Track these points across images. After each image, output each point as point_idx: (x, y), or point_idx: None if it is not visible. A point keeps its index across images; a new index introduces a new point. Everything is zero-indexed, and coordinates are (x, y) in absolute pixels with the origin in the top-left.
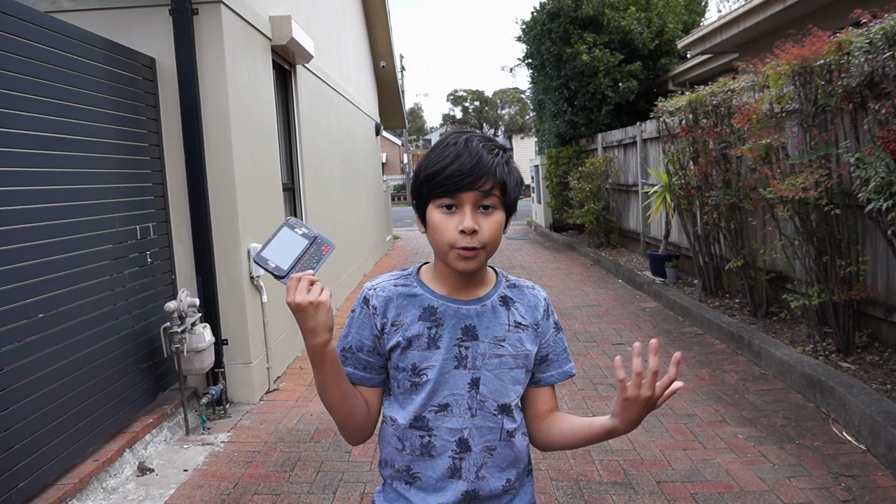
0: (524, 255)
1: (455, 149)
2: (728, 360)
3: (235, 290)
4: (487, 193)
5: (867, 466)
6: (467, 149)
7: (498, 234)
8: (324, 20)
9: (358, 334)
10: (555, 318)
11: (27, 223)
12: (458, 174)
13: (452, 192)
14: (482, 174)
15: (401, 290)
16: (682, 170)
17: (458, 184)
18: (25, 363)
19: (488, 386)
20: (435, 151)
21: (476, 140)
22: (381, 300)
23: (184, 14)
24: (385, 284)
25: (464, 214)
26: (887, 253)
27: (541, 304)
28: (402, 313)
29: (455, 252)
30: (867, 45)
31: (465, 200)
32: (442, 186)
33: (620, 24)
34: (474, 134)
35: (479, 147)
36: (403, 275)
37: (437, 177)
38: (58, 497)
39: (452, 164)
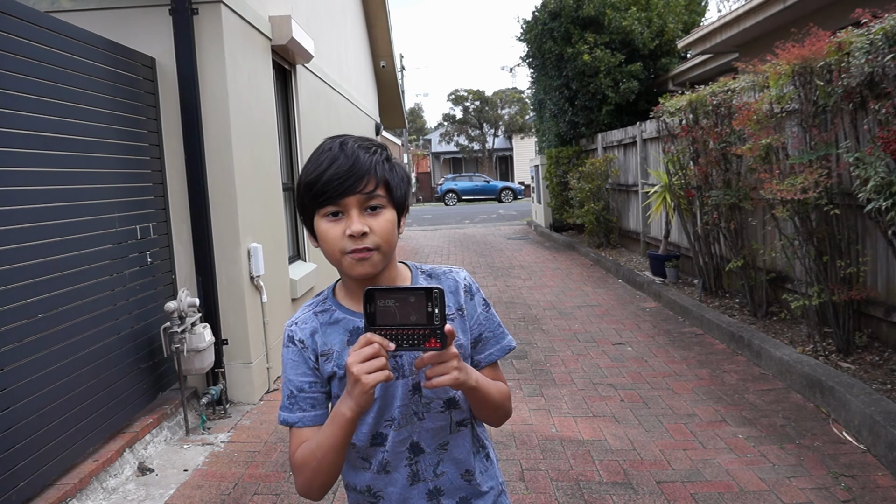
0: (524, 255)
1: (330, 154)
2: (728, 360)
3: (235, 290)
4: (371, 194)
5: (867, 466)
6: (343, 151)
7: (391, 233)
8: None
9: (296, 375)
10: (481, 296)
11: (27, 223)
12: (337, 178)
13: (335, 197)
14: (362, 174)
15: (322, 319)
16: (682, 170)
17: (338, 188)
18: (25, 363)
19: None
20: (311, 160)
21: (351, 142)
22: (305, 333)
23: (184, 14)
24: (305, 316)
25: (350, 218)
26: (887, 253)
27: (460, 286)
28: (327, 342)
29: (348, 258)
30: (867, 45)
31: (350, 205)
32: (323, 194)
33: (621, 25)
34: (349, 137)
35: (355, 148)
36: (320, 300)
37: (317, 184)
38: (58, 497)
39: (329, 169)
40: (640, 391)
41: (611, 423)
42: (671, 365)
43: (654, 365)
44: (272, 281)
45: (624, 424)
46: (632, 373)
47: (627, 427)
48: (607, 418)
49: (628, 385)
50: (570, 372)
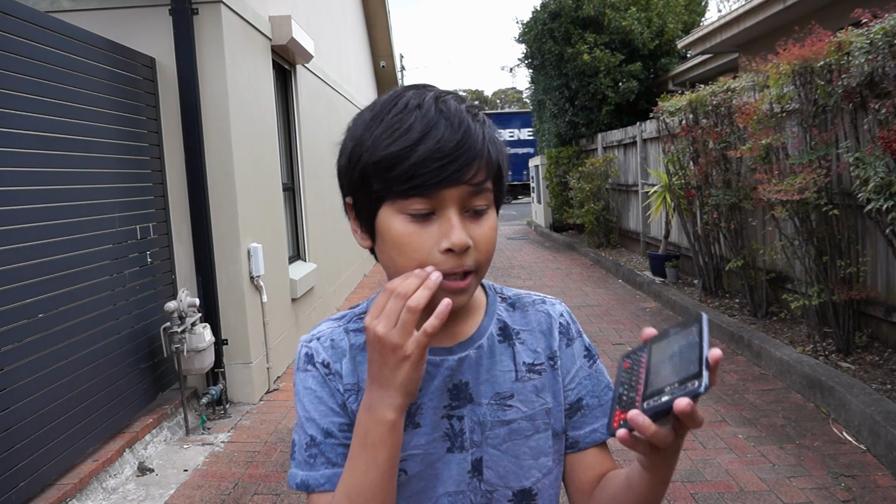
0: (524, 255)
1: (422, 114)
2: (728, 360)
3: (235, 290)
4: (480, 188)
5: (867, 466)
6: (442, 114)
7: (494, 247)
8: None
9: (319, 413)
10: (585, 342)
11: (27, 223)
12: (438, 157)
13: (430, 187)
14: (473, 157)
15: (355, 340)
16: (682, 170)
17: (437, 174)
18: (25, 363)
19: (496, 469)
20: (386, 119)
21: (453, 100)
22: (331, 352)
23: (184, 14)
24: (330, 331)
25: (449, 223)
26: (887, 253)
27: (555, 324)
28: (357, 371)
29: None
30: (867, 45)
31: (449, 201)
32: (411, 179)
33: (621, 24)
34: (445, 91)
35: (463, 112)
36: (355, 315)
37: (401, 163)
38: (58, 497)
39: (426, 141)
40: None
41: None
42: None
43: None
44: (272, 281)
45: None
46: None
47: None
48: None
49: None
50: None
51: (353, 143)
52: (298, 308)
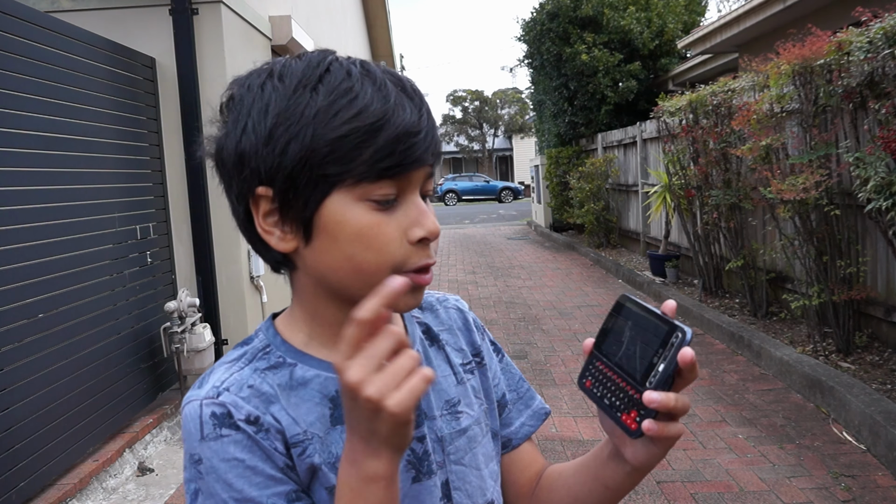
0: (524, 255)
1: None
2: (728, 360)
3: (235, 290)
4: (433, 169)
5: (867, 466)
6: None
7: None
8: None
9: (251, 485)
10: (489, 336)
11: (27, 223)
12: (414, 133)
13: (406, 168)
14: (435, 133)
15: (273, 379)
16: (682, 170)
17: (412, 152)
18: (25, 363)
19: (464, 488)
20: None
21: (399, 74)
22: (255, 402)
23: (184, 14)
24: (239, 376)
25: (418, 208)
26: (887, 253)
27: (469, 318)
28: (298, 419)
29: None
30: (867, 44)
31: (415, 184)
32: (389, 157)
33: (620, 24)
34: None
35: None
36: (256, 349)
37: (372, 140)
38: (58, 497)
39: (398, 114)
40: None
41: None
42: None
43: None
44: (272, 281)
45: None
46: None
47: None
48: None
49: None
50: (570, 372)
51: (274, 117)
52: None
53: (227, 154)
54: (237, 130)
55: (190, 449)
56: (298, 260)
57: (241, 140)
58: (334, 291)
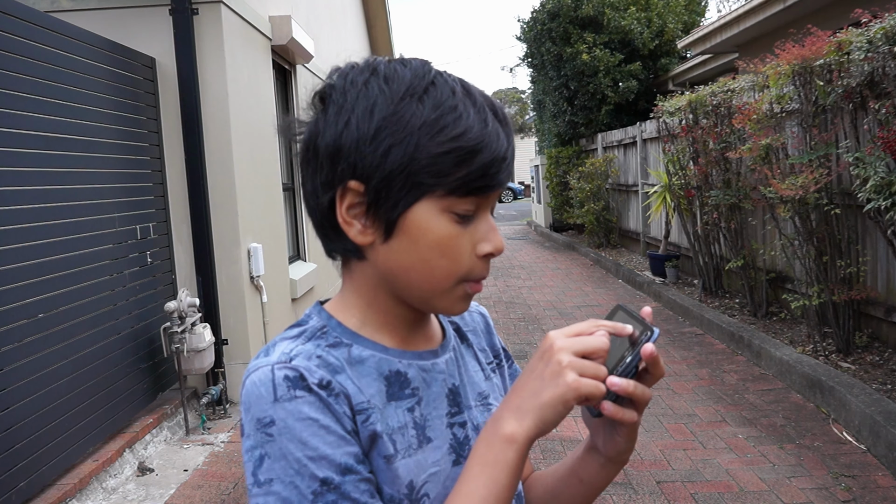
0: (524, 255)
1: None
2: (728, 360)
3: (235, 290)
4: None
5: (867, 466)
6: (497, 116)
7: None
8: (324, 20)
9: (326, 444)
10: (502, 342)
11: (27, 223)
12: (505, 157)
13: (489, 189)
14: (513, 159)
15: (344, 354)
16: (682, 170)
17: (500, 174)
18: (25, 363)
19: None
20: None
21: (495, 101)
22: (326, 370)
23: (184, 14)
24: (305, 348)
25: (489, 225)
26: (887, 253)
27: (490, 322)
28: (363, 389)
29: (463, 289)
30: (867, 44)
31: (490, 203)
32: (484, 177)
33: (620, 24)
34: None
35: (502, 112)
36: (315, 329)
37: (473, 158)
38: (58, 497)
39: (499, 137)
40: None
41: None
42: (671, 365)
43: None
44: (272, 281)
45: None
46: None
47: None
48: None
49: None
50: None
51: (380, 119)
52: (298, 308)
53: (323, 143)
54: (339, 123)
55: (259, 413)
56: (371, 253)
57: (343, 134)
58: (397, 288)
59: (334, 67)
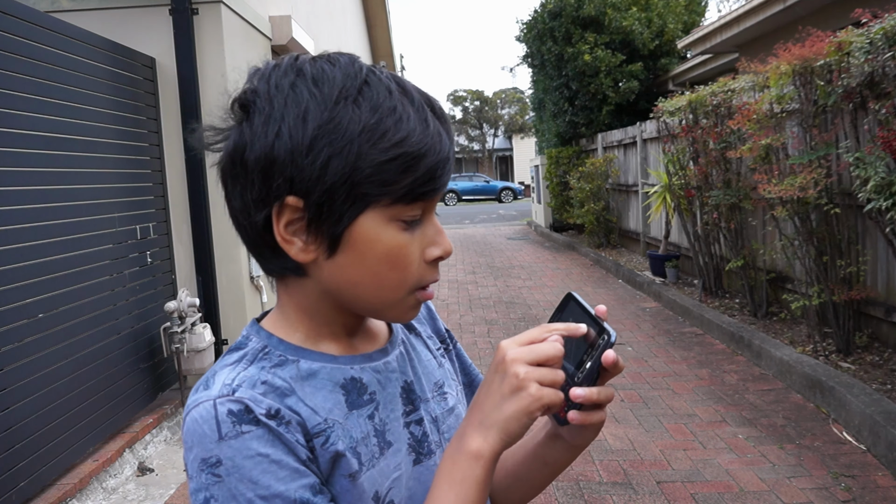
0: (524, 255)
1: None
2: (728, 360)
3: (235, 290)
4: None
5: (867, 466)
6: (439, 117)
7: None
8: (324, 20)
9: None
10: (443, 325)
11: (27, 223)
12: (444, 162)
13: (434, 193)
14: (454, 154)
15: (283, 373)
16: (682, 170)
17: (442, 181)
18: (25, 363)
19: None
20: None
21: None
22: (273, 396)
23: (184, 14)
24: (247, 373)
25: (435, 228)
26: (887, 253)
27: (430, 306)
28: (318, 407)
29: (415, 297)
30: (867, 45)
31: (434, 205)
32: (432, 180)
33: (622, 25)
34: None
35: (440, 109)
36: (255, 350)
37: (420, 162)
38: (58, 497)
39: (434, 147)
40: (640, 391)
41: (611, 423)
42: (671, 365)
43: (654, 365)
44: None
45: (624, 424)
46: (632, 373)
47: (627, 427)
48: (607, 418)
49: (628, 385)
50: None
51: (316, 131)
52: None
53: (252, 156)
54: (268, 134)
55: (203, 453)
56: (313, 270)
57: (275, 145)
58: (344, 302)
59: (253, 68)
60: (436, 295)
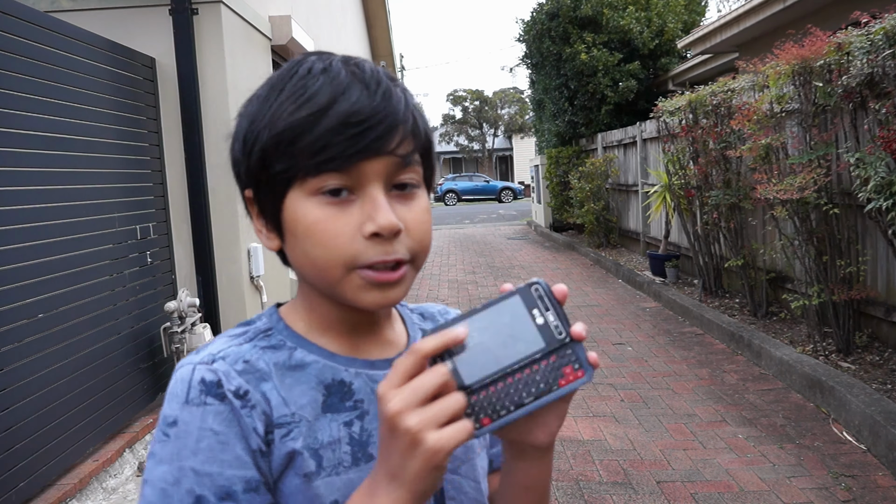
0: (524, 255)
1: (330, 78)
2: (728, 360)
3: (235, 290)
4: (408, 160)
5: (867, 466)
6: (356, 77)
7: (430, 233)
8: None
9: (216, 462)
10: None
11: (27, 223)
12: (355, 122)
13: (345, 159)
14: (395, 123)
15: (271, 357)
16: (682, 170)
17: (354, 143)
18: (25, 363)
19: (459, 498)
20: (286, 88)
21: (366, 64)
22: (247, 377)
23: (184, 14)
24: (238, 349)
25: (373, 202)
26: (887, 253)
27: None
28: (290, 400)
29: (359, 276)
30: (867, 45)
31: (370, 176)
32: (321, 151)
33: (619, 24)
34: (351, 56)
35: (381, 74)
36: (258, 329)
37: (308, 132)
38: (58, 497)
39: (337, 105)
40: (640, 391)
41: (611, 423)
42: (671, 365)
43: (654, 365)
44: (272, 281)
45: (624, 424)
46: (632, 373)
47: (627, 427)
48: (607, 418)
49: (628, 385)
50: None
51: (248, 123)
52: None
53: (231, 159)
54: (232, 138)
55: (168, 410)
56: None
57: (233, 146)
58: (312, 287)
59: None
60: (436, 295)
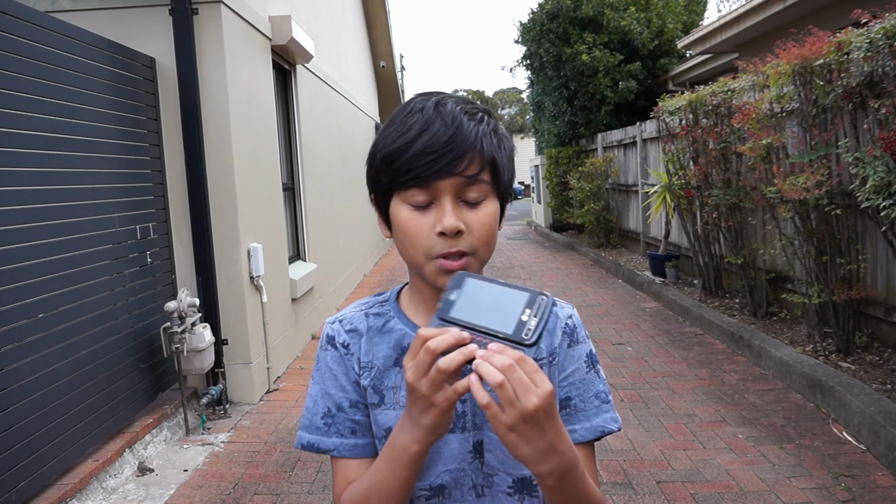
0: (524, 255)
1: (423, 116)
2: (728, 360)
3: (235, 290)
4: (473, 179)
5: (867, 466)
6: (440, 115)
7: (492, 233)
8: (324, 20)
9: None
10: (588, 348)
11: (27, 223)
12: (431, 151)
13: (424, 178)
14: (464, 150)
15: (372, 323)
16: (682, 170)
17: (431, 167)
18: (25, 363)
19: (496, 453)
20: (395, 122)
21: (451, 103)
22: (351, 335)
23: (184, 14)
24: (353, 315)
25: (442, 210)
26: (887, 253)
27: (559, 324)
28: (371, 351)
29: (434, 264)
30: (867, 44)
31: (443, 190)
32: (408, 172)
33: (620, 25)
34: (447, 95)
35: (458, 112)
36: (378, 301)
37: (401, 157)
38: (58, 497)
39: (421, 138)
40: (640, 391)
41: None
42: (671, 365)
43: (654, 365)
44: (272, 281)
45: (624, 424)
46: (632, 373)
47: (627, 427)
48: None
49: (628, 385)
50: None
51: (373, 145)
52: (298, 308)
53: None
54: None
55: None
56: None
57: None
58: (412, 272)
59: None
60: None
